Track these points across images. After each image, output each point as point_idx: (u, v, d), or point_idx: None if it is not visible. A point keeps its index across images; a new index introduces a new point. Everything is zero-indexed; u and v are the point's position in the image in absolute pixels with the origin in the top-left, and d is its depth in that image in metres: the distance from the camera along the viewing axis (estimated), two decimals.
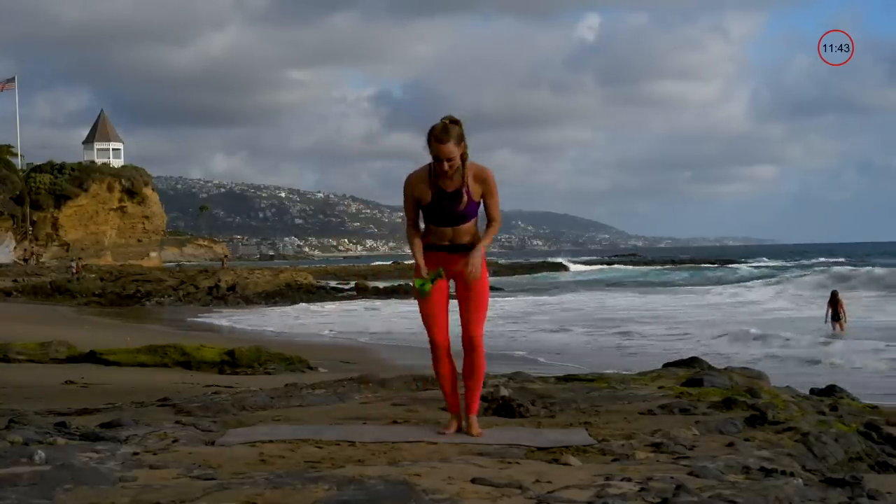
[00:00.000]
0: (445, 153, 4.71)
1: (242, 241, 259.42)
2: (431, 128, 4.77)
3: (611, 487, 3.49)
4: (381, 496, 3.15)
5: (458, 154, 4.74)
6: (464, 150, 4.77)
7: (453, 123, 4.76)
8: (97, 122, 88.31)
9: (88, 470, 3.51)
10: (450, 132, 4.72)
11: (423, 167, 4.88)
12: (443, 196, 4.84)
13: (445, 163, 4.73)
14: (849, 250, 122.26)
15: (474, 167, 4.85)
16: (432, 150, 4.76)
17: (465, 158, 4.79)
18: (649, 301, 37.80)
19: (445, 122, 4.76)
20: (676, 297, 41.26)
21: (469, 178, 4.82)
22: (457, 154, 4.74)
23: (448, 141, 4.70)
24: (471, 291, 4.93)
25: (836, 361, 15.77)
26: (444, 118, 4.79)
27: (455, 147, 4.72)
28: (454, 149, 4.72)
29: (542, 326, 24.76)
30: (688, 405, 5.81)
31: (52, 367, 12.49)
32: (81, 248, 77.68)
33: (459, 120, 4.80)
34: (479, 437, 4.78)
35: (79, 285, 46.00)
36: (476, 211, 4.93)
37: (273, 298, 42.72)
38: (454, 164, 4.75)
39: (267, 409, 6.11)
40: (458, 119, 4.81)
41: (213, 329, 26.67)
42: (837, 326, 21.73)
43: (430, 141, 4.75)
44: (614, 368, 12.02)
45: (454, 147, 4.72)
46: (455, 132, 4.73)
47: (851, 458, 5.02)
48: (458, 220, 4.89)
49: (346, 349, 18.38)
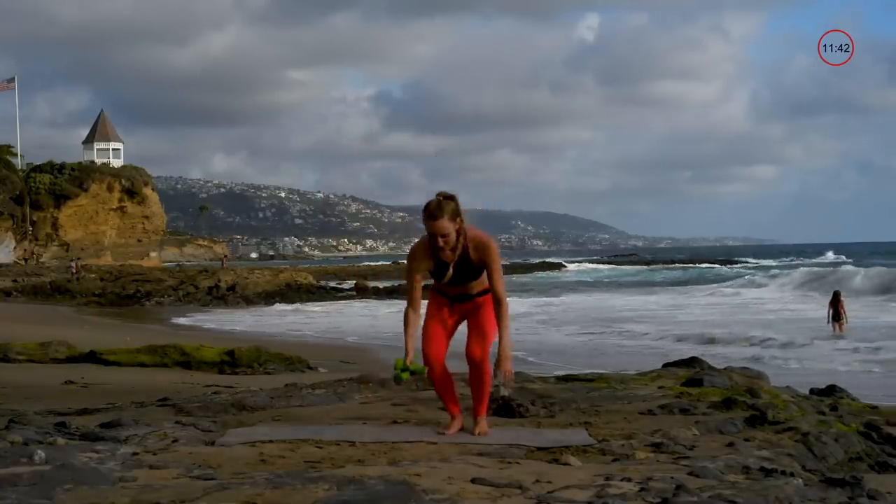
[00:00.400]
0: (439, 229, 4.74)
1: (242, 241, 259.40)
2: (426, 204, 4.81)
3: (611, 487, 3.49)
4: (381, 496, 3.15)
5: (452, 230, 4.76)
6: (459, 224, 4.79)
7: (447, 199, 4.79)
8: (97, 122, 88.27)
9: (88, 470, 3.51)
10: (443, 208, 4.75)
11: (425, 237, 4.90)
12: (444, 266, 4.88)
13: (440, 238, 4.75)
14: (849, 250, 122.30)
15: (475, 238, 4.87)
16: (427, 226, 4.78)
17: (461, 232, 4.81)
18: (649, 301, 37.81)
19: (439, 199, 4.80)
20: (673, 297, 41.32)
21: (469, 248, 4.84)
22: (451, 230, 4.76)
23: (441, 217, 4.73)
24: (477, 319, 4.98)
25: (837, 361, 15.79)
26: (438, 194, 4.84)
27: (449, 223, 4.74)
28: (448, 224, 4.74)
29: (542, 326, 24.75)
30: (688, 405, 5.81)
31: (52, 367, 12.49)
32: (81, 248, 77.66)
33: (454, 196, 4.84)
34: (478, 438, 4.79)
35: (79, 285, 46.00)
36: (482, 271, 4.91)
37: (273, 298, 42.72)
38: (449, 240, 4.77)
39: (267, 409, 6.11)
40: (453, 195, 4.84)
41: (199, 329, 26.54)
42: (837, 327, 21.78)
43: (424, 217, 4.79)
44: (614, 368, 12.02)
45: (448, 223, 4.74)
46: (449, 208, 4.75)
47: (851, 458, 5.02)
48: (464, 282, 4.94)
49: (346, 349, 18.37)
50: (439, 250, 4.81)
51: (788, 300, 35.76)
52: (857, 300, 30.74)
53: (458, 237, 4.81)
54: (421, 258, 4.91)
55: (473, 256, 4.85)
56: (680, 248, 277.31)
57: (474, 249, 4.84)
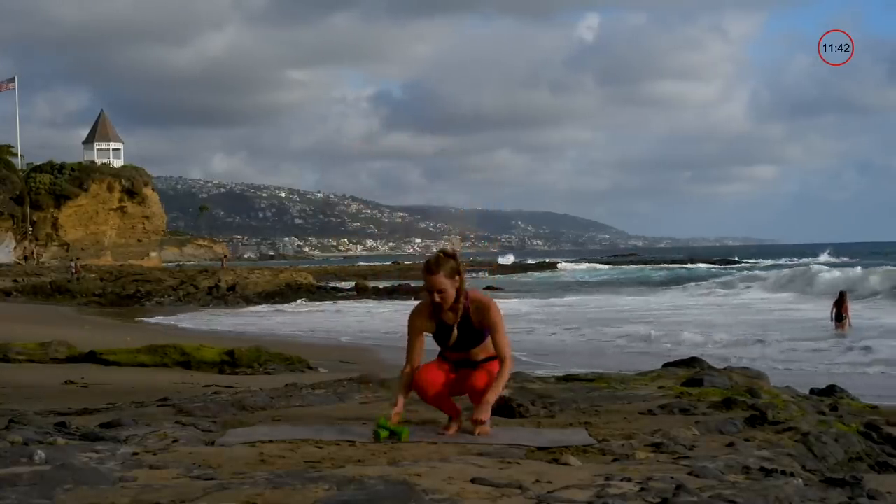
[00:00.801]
0: (436, 285, 4.73)
1: (242, 241, 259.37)
2: (427, 259, 4.82)
3: (611, 487, 3.49)
4: (381, 496, 3.15)
5: (449, 287, 4.73)
6: (459, 283, 4.77)
7: (447, 257, 4.78)
8: (97, 121, 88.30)
9: (88, 470, 3.51)
10: (441, 265, 4.74)
11: (424, 304, 4.89)
12: (446, 328, 4.86)
13: (436, 294, 4.74)
14: (850, 250, 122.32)
15: (476, 300, 4.84)
16: (424, 280, 4.78)
17: (461, 293, 4.78)
18: (649, 301, 37.82)
19: (439, 255, 4.81)
20: (672, 297, 41.36)
21: (470, 310, 4.82)
22: (448, 287, 4.73)
23: (438, 272, 4.72)
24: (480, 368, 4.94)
25: (837, 361, 15.80)
26: (439, 251, 4.85)
27: (446, 279, 4.72)
28: (445, 281, 4.72)
29: (542, 326, 24.75)
30: (688, 405, 5.81)
31: (52, 367, 12.50)
32: (81, 248, 77.68)
33: (455, 254, 4.83)
34: (478, 438, 4.78)
35: (79, 285, 46.03)
36: (485, 335, 4.88)
37: (273, 298, 42.73)
38: (446, 297, 4.75)
39: (267, 409, 6.11)
40: (455, 253, 4.83)
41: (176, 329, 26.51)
42: (840, 327, 21.89)
43: (423, 271, 4.79)
44: (614, 368, 12.02)
45: (445, 279, 4.72)
46: (448, 265, 4.74)
47: (851, 458, 5.02)
48: (467, 348, 4.90)
49: (345, 349, 18.38)
50: (440, 310, 4.79)
51: (773, 300, 35.84)
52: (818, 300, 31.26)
53: (459, 297, 4.78)
54: (422, 319, 4.89)
55: (475, 318, 4.82)
56: (680, 248, 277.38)
57: (475, 311, 4.81)
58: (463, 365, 4.96)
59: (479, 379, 4.88)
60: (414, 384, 4.92)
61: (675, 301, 38.01)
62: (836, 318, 22.25)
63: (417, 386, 4.92)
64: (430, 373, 4.92)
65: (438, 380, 4.90)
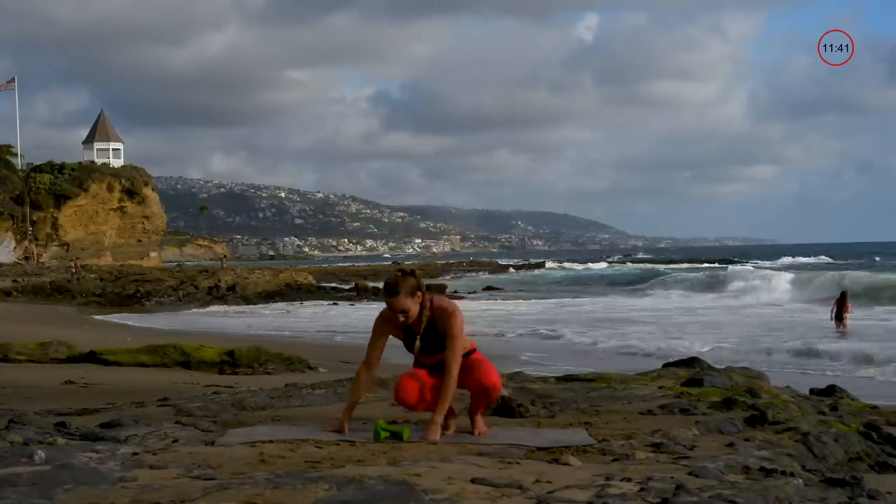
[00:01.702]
0: (398, 306, 4.76)
1: (242, 241, 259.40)
2: (385, 280, 4.85)
3: (611, 487, 3.49)
4: (381, 496, 3.15)
5: (412, 305, 4.76)
6: (421, 298, 4.78)
7: (406, 276, 4.80)
8: (97, 121, 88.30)
9: (88, 470, 3.52)
10: (400, 284, 4.75)
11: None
12: (413, 334, 4.89)
13: (400, 315, 4.78)
14: (850, 251, 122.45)
15: (440, 308, 4.85)
16: (386, 302, 4.81)
17: (424, 304, 4.81)
18: (650, 301, 37.82)
19: (397, 276, 4.81)
20: (671, 297, 41.38)
21: (435, 318, 4.84)
22: (410, 306, 4.75)
23: (399, 293, 4.74)
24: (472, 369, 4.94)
25: (837, 361, 15.79)
26: (396, 270, 4.87)
27: (407, 298, 4.74)
28: (407, 301, 4.74)
29: (542, 327, 24.75)
30: (688, 405, 5.81)
31: (52, 367, 12.50)
32: (81, 248, 77.69)
33: (414, 271, 4.86)
34: (478, 438, 4.78)
35: (79, 285, 46.03)
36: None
37: (273, 298, 42.74)
38: (410, 315, 4.78)
39: (267, 409, 6.11)
40: (413, 270, 4.87)
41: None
42: (841, 325, 21.99)
43: (383, 293, 4.81)
44: (614, 368, 12.02)
45: (406, 299, 4.74)
46: (407, 285, 4.75)
47: (851, 458, 5.02)
48: (435, 351, 4.90)
49: (345, 349, 18.37)
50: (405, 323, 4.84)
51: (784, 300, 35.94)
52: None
53: (423, 310, 4.81)
54: (388, 324, 4.92)
55: (439, 325, 4.85)
56: (680, 248, 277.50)
57: (438, 318, 4.84)
58: (439, 368, 4.92)
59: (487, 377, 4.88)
60: (395, 396, 4.98)
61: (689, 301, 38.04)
62: (836, 318, 22.37)
63: (398, 397, 4.96)
64: (407, 382, 4.93)
65: (415, 387, 4.91)
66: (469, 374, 4.93)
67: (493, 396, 5.00)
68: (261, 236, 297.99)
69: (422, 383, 4.93)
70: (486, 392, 4.93)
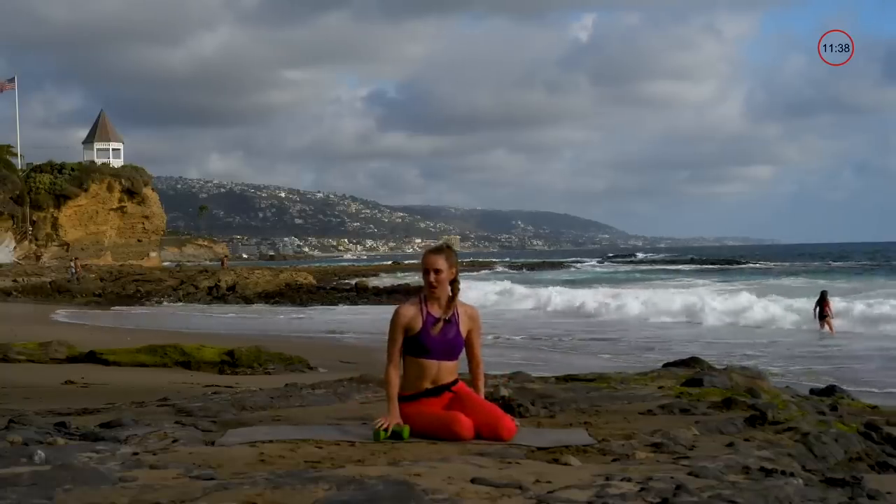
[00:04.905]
0: (434, 263, 4.90)
1: (242, 241, 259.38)
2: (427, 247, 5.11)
3: (611, 487, 3.49)
4: (381, 496, 3.15)
5: (446, 270, 4.90)
6: (454, 275, 4.94)
7: (449, 248, 5.06)
8: (97, 121, 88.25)
9: (88, 470, 3.52)
10: (443, 250, 4.99)
11: (413, 299, 5.01)
12: (433, 322, 4.86)
13: (432, 273, 4.87)
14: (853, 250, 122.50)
15: (466, 305, 5.05)
16: (424, 260, 4.94)
17: (455, 289, 4.94)
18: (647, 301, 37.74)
19: (442, 244, 5.15)
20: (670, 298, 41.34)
21: (460, 311, 4.97)
22: (445, 269, 4.89)
23: (440, 254, 4.94)
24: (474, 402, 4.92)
25: (836, 360, 15.79)
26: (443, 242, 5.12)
27: (444, 262, 4.91)
28: (444, 263, 4.91)
29: (542, 326, 24.75)
30: (688, 405, 5.81)
31: (52, 367, 12.50)
32: (81, 248, 77.63)
33: (456, 252, 5.11)
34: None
35: (79, 285, 46.01)
36: (461, 349, 4.99)
37: (273, 298, 42.72)
38: (441, 279, 4.88)
39: (267, 409, 6.11)
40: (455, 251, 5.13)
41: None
42: (826, 325, 22.04)
43: (425, 252, 5.01)
44: (614, 368, 12.02)
45: (444, 262, 4.91)
46: (449, 253, 4.99)
47: (851, 458, 5.02)
48: (447, 354, 4.89)
49: (345, 349, 18.37)
50: (430, 289, 4.86)
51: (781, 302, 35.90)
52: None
53: (453, 292, 4.93)
54: (409, 310, 4.90)
55: (464, 323, 4.95)
56: (679, 248, 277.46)
57: (466, 314, 4.99)
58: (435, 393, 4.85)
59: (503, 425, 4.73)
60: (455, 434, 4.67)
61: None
62: (819, 318, 22.40)
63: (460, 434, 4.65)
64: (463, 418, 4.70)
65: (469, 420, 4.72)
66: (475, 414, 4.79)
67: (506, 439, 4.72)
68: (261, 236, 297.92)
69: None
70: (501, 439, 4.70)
